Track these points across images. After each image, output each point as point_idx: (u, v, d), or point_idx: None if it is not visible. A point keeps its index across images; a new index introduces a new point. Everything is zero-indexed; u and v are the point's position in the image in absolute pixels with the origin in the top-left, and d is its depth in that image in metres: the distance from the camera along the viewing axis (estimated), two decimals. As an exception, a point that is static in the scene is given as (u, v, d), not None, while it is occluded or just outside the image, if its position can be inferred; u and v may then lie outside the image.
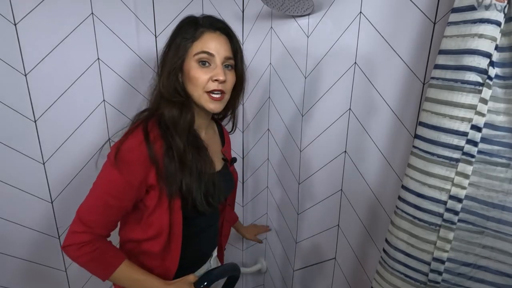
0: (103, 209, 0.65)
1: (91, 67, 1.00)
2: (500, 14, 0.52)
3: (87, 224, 0.64)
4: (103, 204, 0.65)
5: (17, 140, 0.94)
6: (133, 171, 0.64)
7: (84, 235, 0.64)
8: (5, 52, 0.87)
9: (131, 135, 0.64)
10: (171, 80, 0.69)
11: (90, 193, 0.67)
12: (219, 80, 0.68)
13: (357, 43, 0.86)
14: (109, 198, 0.65)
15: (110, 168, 0.64)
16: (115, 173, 0.63)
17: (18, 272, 1.03)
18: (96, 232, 0.66)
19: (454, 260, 0.61)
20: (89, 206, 0.66)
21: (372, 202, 0.89)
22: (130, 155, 0.63)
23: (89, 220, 0.65)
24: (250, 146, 1.40)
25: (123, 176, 0.63)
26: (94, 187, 0.67)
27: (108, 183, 0.65)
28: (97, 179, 0.67)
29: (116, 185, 0.64)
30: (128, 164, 0.63)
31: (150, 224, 0.70)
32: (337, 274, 1.06)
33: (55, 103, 0.97)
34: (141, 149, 0.63)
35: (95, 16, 0.97)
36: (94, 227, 0.65)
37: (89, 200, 0.66)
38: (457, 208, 0.59)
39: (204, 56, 0.68)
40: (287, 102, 1.17)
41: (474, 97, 0.55)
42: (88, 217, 0.65)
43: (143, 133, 0.64)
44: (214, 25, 0.71)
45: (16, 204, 0.98)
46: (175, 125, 0.68)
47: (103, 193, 0.65)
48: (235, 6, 1.23)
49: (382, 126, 0.83)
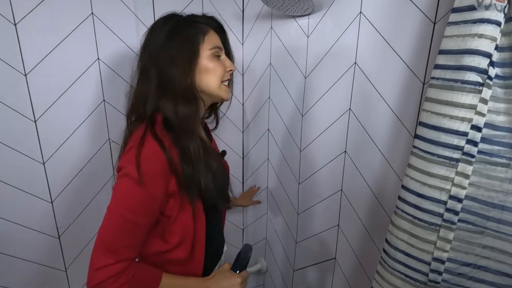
0: (130, 231, 0.60)
1: (91, 67, 1.00)
2: (500, 14, 0.52)
3: (116, 252, 0.59)
4: (129, 226, 0.60)
5: (17, 140, 0.94)
6: (156, 183, 0.61)
7: (117, 265, 0.59)
8: (5, 52, 0.87)
9: (144, 147, 0.60)
10: (189, 76, 0.67)
11: (109, 218, 0.60)
12: (233, 70, 0.75)
13: (357, 43, 0.86)
14: (135, 217, 0.60)
15: (132, 186, 0.59)
16: (138, 189, 0.59)
17: (18, 272, 1.03)
18: (128, 258, 0.61)
19: (454, 260, 0.61)
20: (114, 232, 0.60)
21: (372, 202, 0.89)
22: (152, 167, 0.59)
23: (118, 247, 0.59)
24: (250, 146, 1.40)
25: (147, 191, 0.59)
26: (115, 210, 0.60)
27: (131, 202, 0.60)
28: (115, 201, 0.60)
29: (141, 201, 0.60)
30: (151, 177, 0.59)
31: (172, 233, 0.68)
32: (337, 274, 1.06)
33: (55, 103, 0.97)
34: (160, 159, 0.60)
35: (95, 16, 0.97)
36: (124, 253, 0.60)
37: (112, 225, 0.60)
38: (457, 208, 0.59)
39: (217, 51, 0.72)
40: (287, 102, 1.17)
41: (474, 97, 0.55)
42: (116, 244, 0.59)
43: (156, 141, 0.61)
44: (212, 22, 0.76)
45: (16, 204, 0.98)
46: (190, 123, 0.66)
47: (128, 213, 0.59)
48: (235, 6, 1.23)
49: (382, 126, 0.83)
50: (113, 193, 0.61)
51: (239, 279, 0.71)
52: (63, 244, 1.08)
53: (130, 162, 0.59)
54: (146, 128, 0.64)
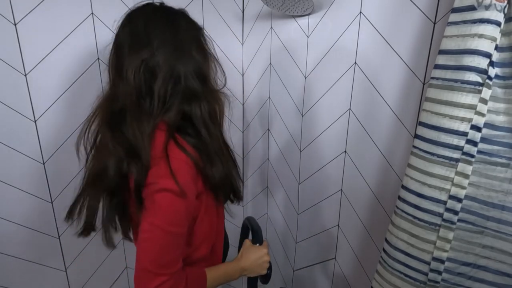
0: (176, 243, 0.60)
1: (91, 67, 1.00)
2: (500, 14, 0.52)
3: (168, 267, 0.58)
4: (174, 239, 0.59)
5: (17, 140, 0.94)
6: (192, 190, 0.61)
7: (172, 280, 0.58)
8: (5, 52, 0.87)
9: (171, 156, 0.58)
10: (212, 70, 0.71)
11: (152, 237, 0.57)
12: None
13: (357, 43, 0.86)
14: (179, 229, 0.59)
15: (174, 199, 0.57)
16: (180, 201, 0.58)
17: (18, 272, 1.03)
18: (179, 269, 0.60)
19: (454, 260, 0.61)
20: (161, 250, 0.58)
21: (372, 202, 0.89)
22: (186, 177, 0.59)
23: (168, 262, 0.58)
24: (250, 146, 1.40)
25: (187, 200, 0.59)
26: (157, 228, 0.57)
27: (176, 216, 0.58)
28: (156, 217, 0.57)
29: (183, 212, 0.59)
30: (189, 185, 0.59)
31: (195, 233, 0.68)
32: (337, 274, 1.07)
33: (55, 103, 0.97)
34: (190, 164, 0.60)
35: (95, 16, 0.97)
36: (175, 266, 0.59)
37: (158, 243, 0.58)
38: (457, 208, 0.59)
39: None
40: (287, 102, 1.17)
41: (474, 97, 0.55)
42: (165, 260, 0.58)
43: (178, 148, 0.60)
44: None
45: (16, 204, 0.98)
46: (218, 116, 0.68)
47: (173, 227, 0.58)
48: (235, 6, 1.23)
49: (382, 126, 0.83)
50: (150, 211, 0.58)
51: (265, 249, 0.78)
52: (63, 244, 1.08)
53: (164, 177, 0.57)
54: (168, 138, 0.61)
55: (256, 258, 0.77)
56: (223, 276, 0.73)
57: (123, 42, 0.65)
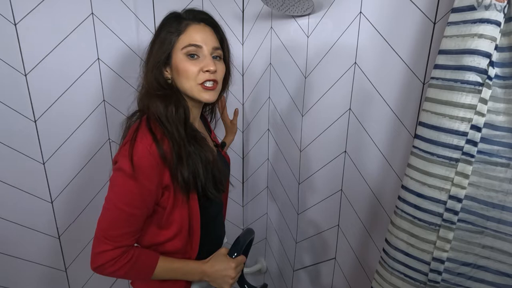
0: (126, 221, 0.64)
1: (91, 67, 1.00)
2: (500, 14, 0.52)
3: (114, 239, 0.63)
4: (125, 216, 0.63)
5: (17, 140, 0.94)
6: (150, 176, 0.63)
7: (115, 251, 0.63)
8: (5, 52, 0.88)
9: (138, 140, 0.62)
10: (154, 74, 0.69)
11: (107, 208, 0.64)
12: (210, 71, 0.68)
13: (357, 43, 0.86)
14: (130, 209, 0.63)
15: (126, 179, 0.61)
16: (132, 183, 0.61)
17: (18, 272, 1.03)
18: (124, 244, 0.64)
19: (453, 260, 0.61)
20: (111, 222, 0.63)
21: (372, 202, 0.89)
22: (145, 161, 0.61)
23: (115, 235, 0.63)
24: (250, 146, 1.40)
25: (140, 184, 0.62)
26: (111, 201, 0.64)
27: (126, 194, 0.63)
28: (112, 193, 0.64)
29: (135, 194, 0.62)
30: (144, 171, 0.62)
31: (170, 223, 0.70)
32: (337, 274, 1.06)
33: (55, 103, 0.97)
34: (153, 152, 0.62)
35: (95, 16, 0.97)
36: (120, 240, 0.64)
37: (109, 215, 0.64)
38: (457, 208, 0.59)
39: (191, 49, 0.68)
40: (287, 102, 1.17)
41: (474, 97, 0.55)
42: (113, 232, 0.63)
43: (150, 134, 0.63)
44: (198, 16, 0.71)
45: (16, 204, 0.98)
46: (166, 119, 0.66)
47: (123, 205, 0.63)
48: (235, 6, 1.23)
49: (382, 126, 0.83)
50: (109, 185, 0.65)
51: (233, 263, 0.73)
52: (63, 244, 1.08)
53: (124, 156, 0.62)
54: (141, 122, 0.66)
55: (220, 268, 0.72)
56: (180, 271, 0.71)
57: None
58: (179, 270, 0.71)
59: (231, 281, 0.73)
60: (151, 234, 0.71)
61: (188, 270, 0.72)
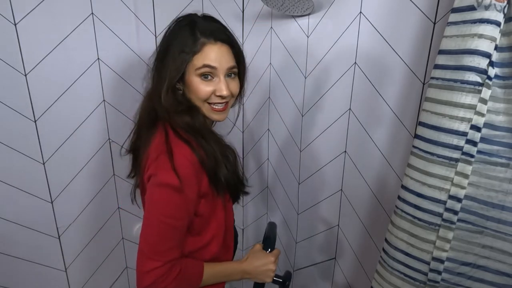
0: (171, 234, 0.63)
1: (91, 67, 1.00)
2: (499, 14, 0.53)
3: (162, 255, 0.62)
4: (171, 230, 0.63)
5: (17, 140, 0.94)
6: (191, 186, 0.63)
7: (164, 267, 0.62)
8: (5, 52, 0.87)
9: (175, 151, 0.62)
10: (172, 95, 0.67)
11: (151, 225, 0.63)
12: (223, 95, 0.67)
13: (357, 43, 0.86)
14: (176, 222, 0.63)
15: (172, 193, 0.61)
16: (178, 196, 0.61)
17: (18, 272, 1.03)
18: (173, 258, 0.64)
19: (453, 260, 0.61)
20: (156, 238, 0.63)
21: (372, 202, 0.89)
22: (187, 171, 0.61)
23: (163, 250, 0.63)
24: (250, 146, 1.40)
25: (185, 195, 0.62)
26: (154, 217, 0.62)
27: (171, 208, 0.62)
28: (155, 208, 0.63)
29: (180, 206, 0.62)
30: (187, 181, 0.61)
31: (206, 230, 0.71)
32: (337, 274, 1.07)
33: (55, 103, 0.97)
34: (193, 160, 0.62)
35: (95, 16, 0.97)
36: (168, 255, 0.63)
37: (155, 231, 0.63)
38: (457, 208, 0.59)
39: (206, 70, 0.66)
40: (287, 102, 1.17)
41: (473, 97, 0.55)
42: (161, 248, 0.63)
43: (185, 143, 0.63)
44: (216, 35, 0.67)
45: (16, 204, 0.98)
46: (195, 129, 0.67)
47: (169, 219, 0.62)
48: (235, 6, 1.23)
49: (382, 126, 0.83)
50: (151, 201, 0.63)
51: (272, 257, 0.76)
52: (63, 244, 1.08)
53: (165, 170, 0.60)
54: (168, 132, 0.65)
55: (260, 264, 0.75)
56: (222, 274, 0.73)
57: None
58: (221, 273, 0.73)
59: (272, 274, 0.76)
60: (190, 242, 0.71)
61: (231, 272, 0.74)
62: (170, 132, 0.65)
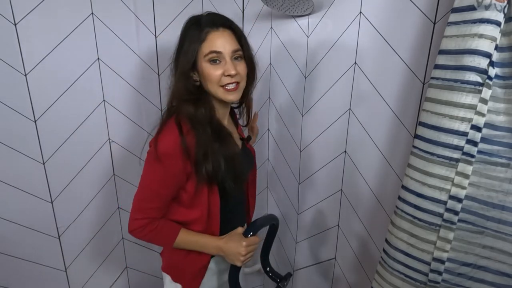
0: (154, 197, 0.75)
1: (91, 67, 1.00)
2: (500, 14, 0.52)
3: (143, 211, 0.75)
4: (153, 194, 0.75)
5: (17, 140, 0.94)
6: (172, 162, 0.71)
7: (143, 220, 0.75)
8: (5, 52, 0.87)
9: (165, 130, 0.72)
10: (182, 83, 0.76)
11: (140, 185, 0.76)
12: (231, 75, 0.74)
13: (357, 43, 0.86)
14: (158, 188, 0.74)
15: (153, 163, 0.72)
16: (158, 166, 0.72)
17: (18, 272, 1.03)
18: (152, 216, 0.76)
19: (454, 260, 0.61)
20: (141, 197, 0.76)
21: (372, 202, 0.89)
22: (168, 149, 0.70)
23: (145, 208, 0.75)
24: (250, 146, 1.40)
25: (165, 168, 0.72)
26: (143, 180, 0.76)
27: (153, 176, 0.74)
28: (143, 173, 0.75)
29: (161, 176, 0.73)
30: (167, 157, 0.71)
31: (192, 207, 0.79)
32: (337, 274, 1.06)
33: (55, 103, 0.97)
34: (176, 141, 0.70)
35: (95, 16, 0.97)
36: (148, 213, 0.75)
37: (141, 191, 0.76)
38: (457, 208, 0.59)
39: (213, 56, 0.74)
40: (287, 102, 1.17)
41: (474, 97, 0.55)
42: (142, 206, 0.76)
43: (176, 127, 0.72)
44: (216, 22, 0.76)
45: (16, 204, 0.98)
46: (195, 120, 0.74)
47: (151, 183, 0.74)
48: (235, 6, 1.23)
49: (382, 126, 0.83)
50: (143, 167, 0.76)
51: (245, 242, 0.79)
52: (63, 244, 1.08)
53: (152, 142, 0.73)
54: (170, 117, 0.75)
55: (233, 245, 0.79)
56: (197, 243, 0.80)
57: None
58: (196, 242, 0.80)
59: (241, 258, 0.78)
60: (179, 213, 0.80)
61: (205, 243, 0.80)
62: (173, 116, 0.75)
